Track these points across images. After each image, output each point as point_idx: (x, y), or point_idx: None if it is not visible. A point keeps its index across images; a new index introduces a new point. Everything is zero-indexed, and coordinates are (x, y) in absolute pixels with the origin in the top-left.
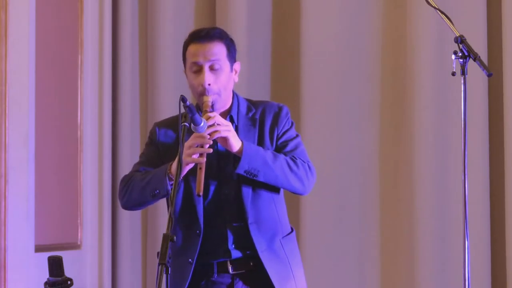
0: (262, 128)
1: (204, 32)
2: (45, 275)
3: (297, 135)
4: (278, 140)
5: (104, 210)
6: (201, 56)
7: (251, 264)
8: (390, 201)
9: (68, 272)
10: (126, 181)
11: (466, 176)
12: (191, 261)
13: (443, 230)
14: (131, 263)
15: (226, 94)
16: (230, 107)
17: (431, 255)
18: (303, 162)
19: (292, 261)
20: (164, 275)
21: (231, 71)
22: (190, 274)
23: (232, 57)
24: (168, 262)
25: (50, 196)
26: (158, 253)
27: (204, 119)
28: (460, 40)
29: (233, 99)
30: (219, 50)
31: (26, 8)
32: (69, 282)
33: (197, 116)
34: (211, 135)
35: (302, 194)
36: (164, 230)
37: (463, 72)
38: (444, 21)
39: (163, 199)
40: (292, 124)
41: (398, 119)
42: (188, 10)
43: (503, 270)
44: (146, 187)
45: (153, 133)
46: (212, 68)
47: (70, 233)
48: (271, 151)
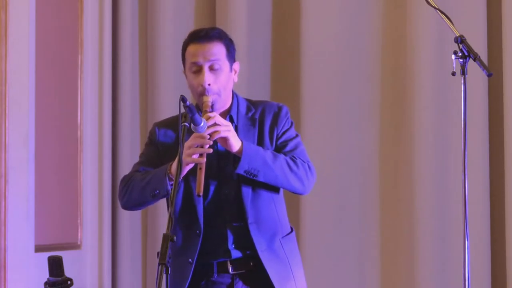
0: (261, 128)
1: (203, 33)
2: (45, 275)
3: (296, 135)
4: (277, 140)
5: (104, 210)
6: (200, 56)
7: (251, 264)
8: (390, 201)
9: (68, 272)
10: (126, 181)
11: (466, 176)
12: (191, 261)
13: (443, 230)
14: (131, 263)
15: (225, 94)
16: (230, 107)
17: (431, 255)
18: (303, 162)
19: (292, 261)
20: (164, 275)
21: (230, 71)
22: (190, 274)
23: (231, 57)
24: (168, 262)
25: (50, 196)
26: (158, 253)
27: (204, 119)
28: (460, 40)
29: (232, 99)
30: (219, 50)
31: (26, 8)
32: (69, 282)
33: (197, 116)
34: (211, 135)
35: (302, 194)
36: (164, 230)
37: (463, 72)
38: (444, 21)
39: (163, 199)
40: (291, 124)
41: (398, 119)
42: (188, 10)
43: (503, 270)
44: (146, 187)
45: (152, 133)
46: (211, 68)
47: (70, 233)
48: (271, 151)
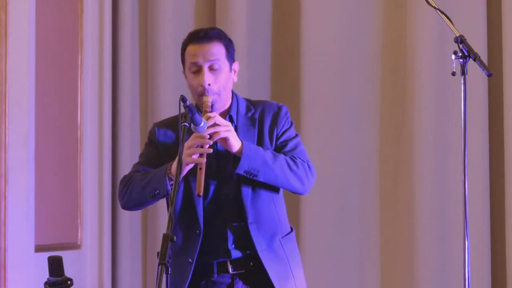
0: (261, 128)
1: (202, 33)
2: (45, 275)
3: (296, 135)
4: (277, 139)
5: (104, 210)
6: (200, 57)
7: (251, 264)
8: (390, 201)
9: (68, 272)
10: (126, 181)
11: (466, 176)
12: (191, 261)
13: (443, 230)
14: (131, 263)
15: (225, 94)
16: (230, 107)
17: (431, 255)
18: (302, 161)
19: (291, 261)
20: (164, 275)
21: (230, 71)
22: (190, 274)
23: (231, 57)
24: (168, 262)
25: (50, 196)
26: (158, 253)
27: (204, 119)
28: (460, 40)
29: (232, 99)
30: (218, 50)
31: (26, 8)
32: (69, 282)
33: (197, 116)
34: (211, 135)
35: (302, 193)
36: (164, 230)
37: (463, 72)
38: (444, 21)
39: (163, 199)
40: (291, 123)
41: (398, 119)
42: (188, 10)
43: (503, 270)
44: (146, 187)
45: (152, 133)
46: (211, 68)
47: (70, 233)
48: (271, 151)
